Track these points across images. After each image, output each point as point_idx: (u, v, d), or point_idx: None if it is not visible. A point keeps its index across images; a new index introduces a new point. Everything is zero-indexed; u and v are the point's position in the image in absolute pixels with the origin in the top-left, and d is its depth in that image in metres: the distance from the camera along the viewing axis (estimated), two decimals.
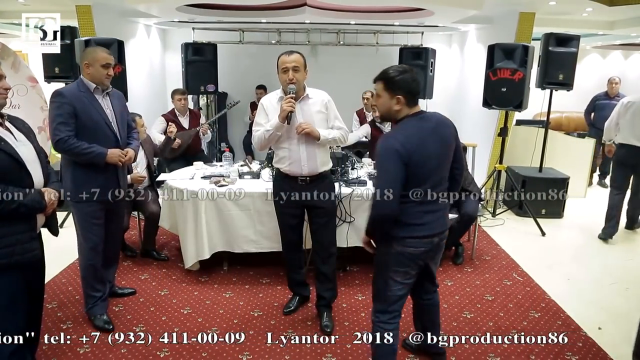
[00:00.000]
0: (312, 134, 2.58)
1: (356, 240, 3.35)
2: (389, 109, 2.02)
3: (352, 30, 6.56)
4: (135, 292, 3.16)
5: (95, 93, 2.61)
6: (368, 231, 2.13)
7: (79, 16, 4.75)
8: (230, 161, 3.95)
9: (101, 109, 2.61)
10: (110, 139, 2.62)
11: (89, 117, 2.55)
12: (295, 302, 3.00)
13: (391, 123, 2.14)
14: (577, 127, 8.12)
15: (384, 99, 2.02)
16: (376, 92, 2.06)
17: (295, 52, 2.62)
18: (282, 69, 2.57)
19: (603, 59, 8.71)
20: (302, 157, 2.63)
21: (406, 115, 2.02)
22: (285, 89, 2.59)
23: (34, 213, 1.96)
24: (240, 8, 5.48)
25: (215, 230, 3.29)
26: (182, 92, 4.80)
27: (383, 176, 1.99)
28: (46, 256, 2.15)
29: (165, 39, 7.03)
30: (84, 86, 2.60)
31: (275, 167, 2.77)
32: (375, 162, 2.04)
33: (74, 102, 2.51)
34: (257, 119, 2.70)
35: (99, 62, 2.57)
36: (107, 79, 2.61)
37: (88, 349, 2.52)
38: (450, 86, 7.03)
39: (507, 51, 4.47)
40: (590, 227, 4.56)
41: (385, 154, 1.94)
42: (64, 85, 2.67)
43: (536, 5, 4.81)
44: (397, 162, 1.91)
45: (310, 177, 2.67)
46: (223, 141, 6.61)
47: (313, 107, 2.67)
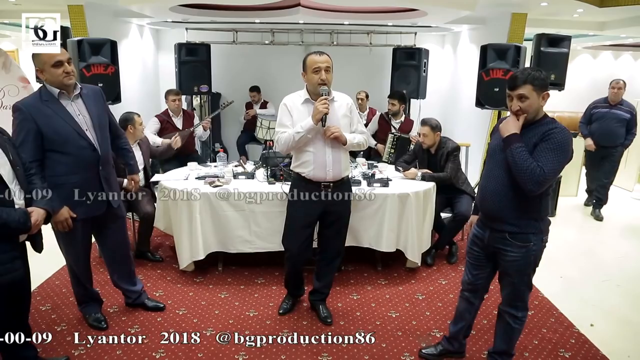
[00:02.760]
0: (340, 139, 2.53)
1: (351, 240, 3.36)
2: (538, 109, 2.02)
3: (345, 30, 6.57)
4: (164, 308, 2.95)
5: (61, 99, 2.33)
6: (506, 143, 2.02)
7: (71, 16, 4.71)
8: (225, 162, 3.95)
9: (70, 117, 2.33)
10: (84, 149, 2.37)
11: (54, 130, 2.28)
12: (290, 301, 3.00)
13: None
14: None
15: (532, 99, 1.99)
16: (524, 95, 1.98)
17: (325, 53, 2.54)
18: (314, 69, 2.47)
19: (594, 59, 8.81)
20: (328, 161, 2.56)
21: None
22: (316, 90, 2.50)
23: (18, 234, 1.92)
24: (234, 8, 5.47)
25: (210, 231, 3.28)
26: (176, 93, 4.79)
27: (560, 165, 1.97)
28: (38, 258, 2.14)
29: (158, 39, 7.00)
30: (47, 94, 2.31)
31: (296, 171, 2.66)
32: (557, 150, 1.94)
33: (34, 117, 2.25)
34: (281, 121, 2.59)
35: (48, 63, 2.26)
36: (67, 77, 2.29)
37: (83, 350, 2.51)
38: (443, 86, 7.07)
39: (500, 52, 4.50)
40: (582, 225, 4.62)
41: (570, 143, 1.98)
42: (25, 97, 2.48)
43: (528, 6, 4.85)
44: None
45: (334, 182, 2.62)
46: (217, 142, 6.60)
47: (339, 110, 2.59)
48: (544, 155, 1.94)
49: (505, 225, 2.09)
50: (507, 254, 2.11)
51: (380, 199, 3.28)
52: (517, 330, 2.27)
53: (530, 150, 1.99)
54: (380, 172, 3.80)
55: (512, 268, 2.12)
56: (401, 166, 3.82)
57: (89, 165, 2.43)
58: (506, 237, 2.10)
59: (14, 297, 2.07)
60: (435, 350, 2.53)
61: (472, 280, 2.34)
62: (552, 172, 1.94)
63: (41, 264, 2.18)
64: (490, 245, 2.18)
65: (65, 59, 2.31)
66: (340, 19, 5.77)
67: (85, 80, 3.97)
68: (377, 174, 3.71)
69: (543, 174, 1.92)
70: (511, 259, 2.11)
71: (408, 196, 3.29)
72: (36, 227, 1.97)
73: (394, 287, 3.33)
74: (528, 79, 1.97)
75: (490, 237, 2.16)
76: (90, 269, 2.75)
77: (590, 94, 8.66)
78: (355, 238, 3.37)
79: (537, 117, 2.04)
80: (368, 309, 3.03)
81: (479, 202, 2.24)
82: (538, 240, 2.10)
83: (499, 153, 2.09)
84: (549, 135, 1.96)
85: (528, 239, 2.07)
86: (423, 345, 2.62)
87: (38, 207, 2.00)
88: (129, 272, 2.88)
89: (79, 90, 2.41)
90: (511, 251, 2.10)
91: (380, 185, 3.40)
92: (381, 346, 2.63)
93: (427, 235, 3.54)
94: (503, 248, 2.12)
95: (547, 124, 2.01)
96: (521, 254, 2.09)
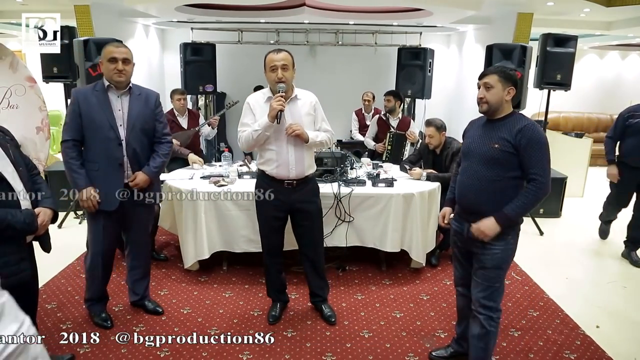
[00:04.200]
0: (301, 137, 2.53)
1: (355, 240, 3.37)
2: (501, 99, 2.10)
3: (350, 30, 6.57)
4: (163, 313, 2.92)
5: (109, 92, 2.52)
6: (511, 219, 2.07)
7: (77, 16, 4.74)
8: (230, 161, 3.96)
9: (109, 109, 2.50)
10: (110, 141, 2.49)
11: (91, 117, 2.47)
12: (278, 308, 2.90)
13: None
14: (574, 127, 8.16)
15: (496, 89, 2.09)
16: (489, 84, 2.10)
17: (284, 50, 2.55)
18: (271, 67, 2.48)
19: (600, 59, 8.75)
20: (290, 159, 2.57)
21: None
22: (274, 88, 2.52)
23: (25, 235, 1.92)
24: (239, 8, 5.49)
25: (215, 230, 3.29)
26: (182, 92, 4.80)
27: (549, 160, 2.07)
28: (44, 256, 2.15)
29: (163, 39, 7.03)
30: (100, 85, 2.53)
31: (260, 169, 2.68)
32: (540, 148, 2.04)
33: (80, 102, 2.47)
34: (243, 119, 2.61)
35: (105, 58, 2.47)
36: (117, 74, 2.46)
37: (88, 349, 2.52)
38: (448, 86, 7.05)
39: (505, 51, 4.48)
40: (588, 226, 4.59)
41: (547, 142, 2.06)
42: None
43: (534, 5, 4.83)
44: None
45: (297, 180, 2.61)
46: (222, 141, 6.61)
47: (302, 108, 2.60)
48: (534, 162, 2.04)
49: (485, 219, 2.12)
50: (486, 246, 2.12)
51: (385, 199, 3.28)
52: (493, 333, 2.21)
53: (506, 149, 2.05)
54: (385, 172, 3.80)
55: (491, 262, 2.13)
56: (407, 166, 3.82)
57: (111, 158, 2.51)
58: None
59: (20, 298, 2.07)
60: (445, 352, 2.52)
61: (462, 274, 2.35)
62: (548, 172, 2.06)
63: (47, 262, 2.20)
64: (469, 239, 2.18)
65: (121, 58, 2.46)
66: (346, 19, 5.78)
67: (91, 79, 3.99)
68: (381, 174, 3.71)
69: (542, 184, 2.03)
70: (491, 252, 2.12)
71: (413, 196, 3.29)
72: (43, 228, 1.98)
73: (398, 287, 3.33)
74: (495, 70, 2.13)
75: (470, 230, 2.17)
76: (110, 269, 2.75)
77: (596, 94, 8.66)
78: (360, 238, 3.37)
79: (504, 112, 2.13)
80: (372, 309, 3.03)
81: (458, 197, 2.27)
82: (515, 235, 2.15)
83: (478, 149, 2.14)
84: (523, 135, 2.03)
85: (507, 232, 2.10)
86: (427, 346, 2.61)
87: (45, 207, 2.01)
88: (145, 282, 2.92)
89: (128, 89, 2.55)
90: (490, 245, 2.11)
91: (385, 185, 3.39)
92: (385, 346, 2.62)
93: (431, 235, 3.53)
94: (482, 241, 2.12)
95: (518, 119, 2.09)
96: (501, 247, 2.11)
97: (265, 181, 2.66)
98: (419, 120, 5.82)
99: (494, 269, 2.14)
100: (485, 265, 2.14)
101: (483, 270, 2.16)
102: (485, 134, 2.14)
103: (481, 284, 2.18)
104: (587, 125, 8.39)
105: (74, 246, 3.81)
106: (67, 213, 4.46)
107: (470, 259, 2.26)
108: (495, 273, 2.15)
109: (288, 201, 2.64)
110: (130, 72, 2.53)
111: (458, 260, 2.36)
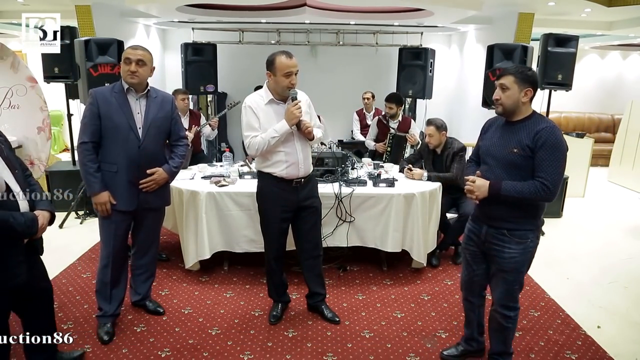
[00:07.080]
0: (310, 134, 2.60)
1: (356, 240, 3.37)
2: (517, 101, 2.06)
3: (351, 30, 6.57)
4: (164, 313, 2.91)
5: (128, 94, 2.53)
6: (500, 194, 2.05)
7: (78, 16, 4.75)
8: (231, 161, 3.96)
9: (129, 110, 2.51)
10: (131, 143, 2.50)
11: (110, 119, 2.47)
12: (279, 309, 2.91)
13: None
14: (575, 127, 8.16)
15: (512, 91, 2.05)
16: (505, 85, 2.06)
17: (292, 55, 2.55)
18: (286, 73, 2.47)
19: (601, 59, 8.74)
20: (300, 158, 2.61)
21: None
22: (284, 92, 2.53)
23: (24, 238, 1.92)
24: (240, 8, 5.49)
25: (216, 230, 3.29)
26: (184, 92, 4.80)
27: (562, 168, 1.99)
28: (45, 256, 2.15)
29: (164, 39, 7.04)
30: (119, 87, 2.54)
31: (265, 171, 2.64)
32: (554, 152, 1.97)
33: (99, 103, 2.47)
34: (249, 124, 2.57)
35: (122, 59, 2.50)
36: (130, 76, 2.48)
37: (89, 349, 2.52)
38: (449, 86, 7.05)
39: (507, 51, 4.48)
40: (589, 226, 4.58)
41: (562, 138, 1.99)
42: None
43: (535, 5, 4.83)
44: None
45: (304, 178, 2.66)
46: (223, 141, 6.62)
47: (302, 108, 2.62)
48: (546, 166, 1.97)
49: (504, 222, 2.10)
50: (504, 250, 2.11)
51: (386, 199, 3.27)
52: (511, 329, 2.27)
53: (526, 154, 2.00)
54: (386, 172, 3.80)
55: (509, 265, 2.12)
56: (405, 166, 3.81)
57: (130, 159, 2.52)
58: (505, 234, 2.11)
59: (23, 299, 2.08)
60: (456, 350, 2.52)
61: (469, 277, 2.35)
62: (557, 179, 1.99)
63: (48, 262, 2.20)
64: (487, 241, 2.17)
65: (135, 60, 2.49)
66: (347, 19, 5.78)
67: (92, 79, 3.99)
68: (382, 174, 3.71)
69: (547, 189, 1.97)
70: (509, 256, 2.10)
71: (414, 196, 3.28)
72: (42, 231, 1.97)
73: (399, 287, 3.33)
74: (512, 70, 2.06)
75: (488, 233, 2.16)
76: (124, 270, 2.73)
77: (597, 94, 8.65)
78: (361, 238, 3.37)
79: (522, 114, 2.08)
80: (373, 309, 3.03)
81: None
82: (534, 237, 2.12)
83: (497, 152, 2.11)
84: (539, 137, 1.98)
85: (526, 235, 2.08)
86: (428, 347, 2.61)
87: (42, 210, 2.00)
88: (149, 283, 2.90)
89: (146, 92, 2.58)
90: (509, 248, 2.10)
91: (386, 185, 3.39)
92: (386, 347, 2.62)
93: (432, 235, 3.53)
94: (501, 244, 2.11)
95: (537, 122, 2.04)
96: (519, 250, 2.10)
97: (272, 183, 2.64)
98: (420, 121, 5.82)
99: (513, 272, 2.14)
100: (504, 269, 2.14)
101: (502, 274, 2.16)
102: (504, 137, 2.10)
103: (501, 286, 2.19)
104: (588, 126, 8.40)
105: (74, 246, 3.81)
106: (67, 213, 4.46)
107: (481, 262, 2.27)
108: (514, 276, 2.15)
109: (295, 200, 2.66)
110: (144, 74, 2.54)
111: (468, 263, 2.34)
